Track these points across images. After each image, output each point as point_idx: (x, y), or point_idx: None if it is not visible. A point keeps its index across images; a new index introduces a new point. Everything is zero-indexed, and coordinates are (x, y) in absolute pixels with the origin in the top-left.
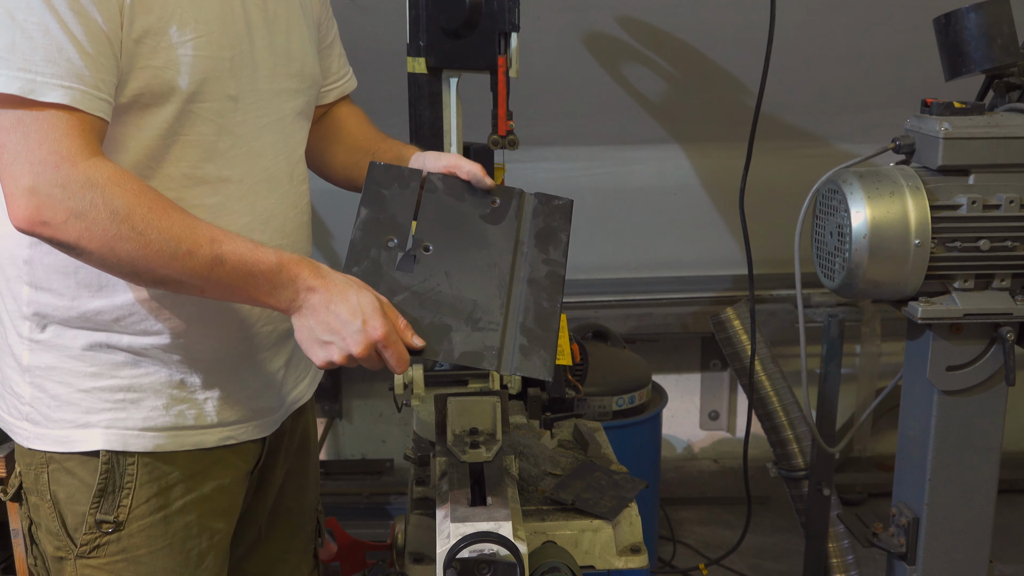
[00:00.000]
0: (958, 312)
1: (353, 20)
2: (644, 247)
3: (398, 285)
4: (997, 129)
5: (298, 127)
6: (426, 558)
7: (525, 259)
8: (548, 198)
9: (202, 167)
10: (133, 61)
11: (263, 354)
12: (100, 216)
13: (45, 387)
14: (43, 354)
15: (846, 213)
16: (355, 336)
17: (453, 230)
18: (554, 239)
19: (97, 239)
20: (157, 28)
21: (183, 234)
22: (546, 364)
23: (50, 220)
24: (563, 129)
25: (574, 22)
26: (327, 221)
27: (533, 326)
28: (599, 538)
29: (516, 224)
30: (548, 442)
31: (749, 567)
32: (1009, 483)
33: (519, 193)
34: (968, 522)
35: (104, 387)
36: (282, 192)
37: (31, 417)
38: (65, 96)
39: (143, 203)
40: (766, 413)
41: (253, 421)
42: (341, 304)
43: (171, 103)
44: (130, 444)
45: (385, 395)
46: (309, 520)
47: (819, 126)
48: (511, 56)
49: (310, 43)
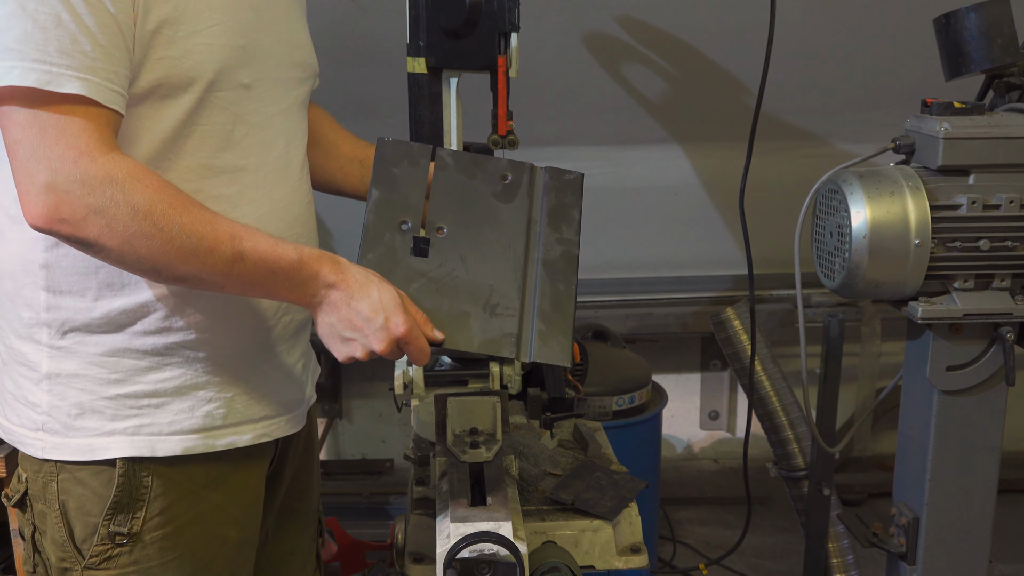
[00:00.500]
0: (958, 312)
1: (353, 20)
2: (644, 247)
3: (414, 271)
4: (997, 129)
5: (303, 116)
6: (426, 558)
7: (539, 239)
8: (559, 172)
9: (220, 156)
10: (149, 52)
11: (282, 346)
12: (120, 212)
13: (66, 395)
14: (64, 361)
15: (846, 213)
16: (377, 333)
17: (466, 210)
18: (566, 216)
19: (118, 236)
20: (174, 18)
21: (204, 230)
22: (564, 350)
23: (69, 217)
24: (563, 129)
25: (574, 22)
26: (327, 221)
27: (550, 310)
28: (599, 538)
29: (528, 201)
30: (548, 442)
31: (749, 567)
32: (1009, 483)
33: (530, 168)
34: (968, 522)
35: (129, 393)
36: (295, 180)
37: (48, 427)
38: (82, 87)
39: (163, 199)
40: (766, 413)
41: (283, 416)
42: (363, 301)
43: (190, 93)
44: (158, 449)
45: (385, 395)
46: (313, 520)
47: (819, 126)
48: (511, 56)
49: (307, 32)
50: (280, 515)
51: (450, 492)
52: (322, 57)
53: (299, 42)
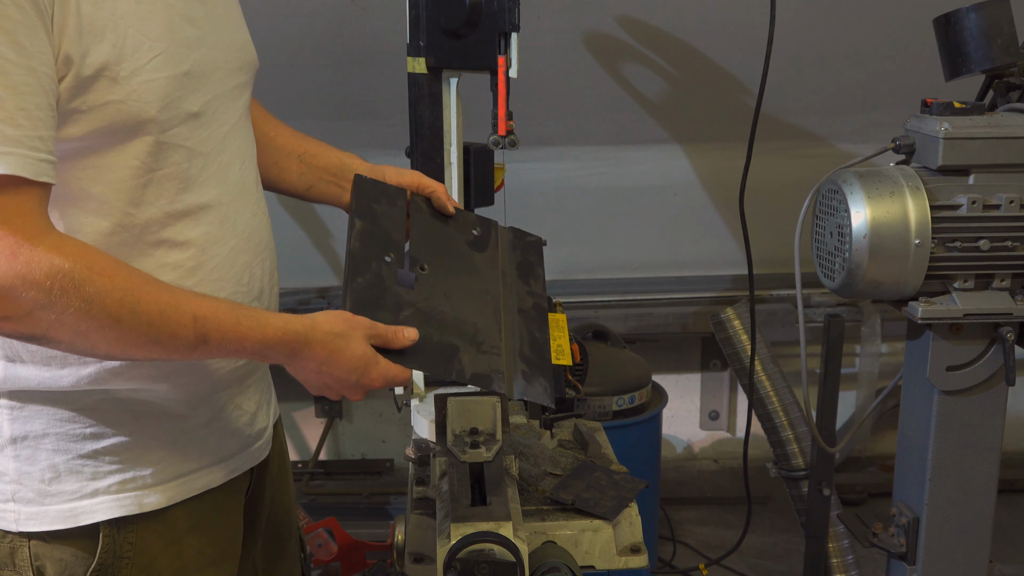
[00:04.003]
0: (958, 312)
1: (353, 20)
2: (644, 247)
3: (403, 300)
4: (997, 129)
5: (249, 124)
6: (426, 558)
7: (511, 289)
8: (521, 234)
9: (180, 199)
10: (87, 98)
11: (253, 377)
12: (71, 305)
13: (36, 459)
14: (29, 422)
15: (846, 213)
16: (351, 390)
17: (444, 253)
18: (533, 273)
19: (69, 329)
20: (114, 57)
21: (165, 316)
22: (547, 391)
23: (12, 315)
24: (563, 129)
25: (574, 22)
26: (327, 221)
27: (530, 354)
28: (599, 538)
29: (497, 253)
30: (548, 442)
31: (749, 567)
32: (1009, 483)
33: (495, 224)
34: (968, 522)
35: (108, 447)
36: (254, 201)
37: (20, 496)
38: (8, 165)
39: (117, 286)
40: (766, 413)
41: (251, 447)
42: (335, 367)
43: (139, 137)
44: (145, 504)
45: (385, 395)
46: (296, 541)
47: (819, 126)
48: (511, 56)
49: (243, 23)
50: (265, 546)
51: (450, 492)
52: (322, 57)
53: (240, 41)
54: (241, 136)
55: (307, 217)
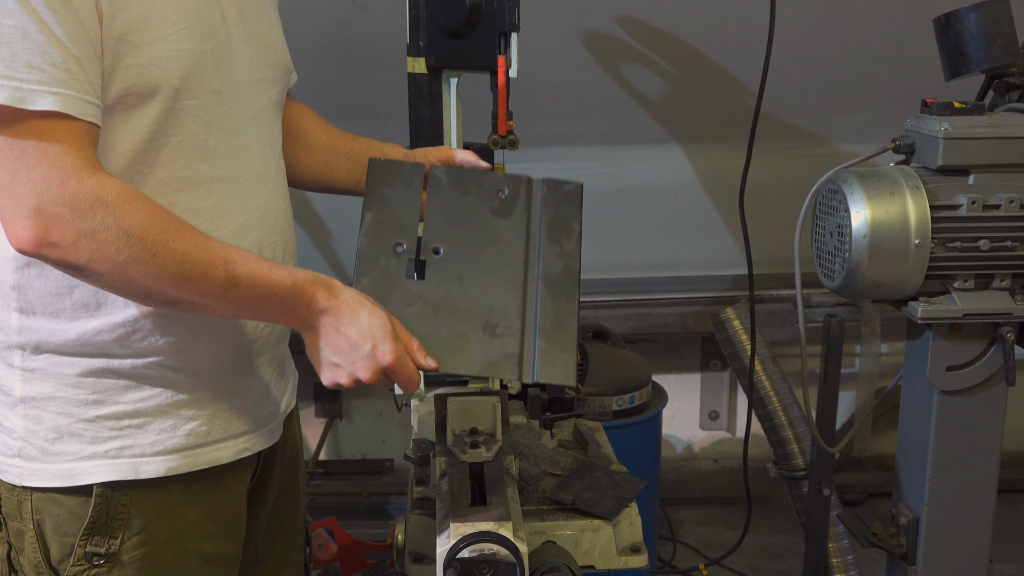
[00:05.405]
0: (958, 312)
1: (353, 20)
2: (644, 247)
3: (410, 295)
4: (997, 129)
5: (277, 118)
6: (426, 558)
7: (538, 254)
8: (557, 184)
9: (195, 168)
10: (116, 60)
11: (262, 358)
12: (112, 237)
13: (42, 419)
14: (39, 383)
15: (846, 213)
16: (364, 361)
17: (462, 228)
18: (566, 229)
19: (109, 260)
20: (139, 23)
21: (198, 255)
22: (568, 368)
23: (59, 241)
24: (563, 129)
25: (574, 22)
26: (327, 221)
27: (552, 328)
28: (599, 538)
29: (526, 215)
30: (548, 442)
31: (749, 567)
32: (1009, 483)
33: (527, 180)
34: (968, 522)
35: (108, 414)
36: (272, 187)
37: (25, 453)
38: (57, 103)
39: (156, 223)
40: (766, 413)
41: (261, 430)
42: (352, 327)
43: (157, 101)
44: (141, 471)
45: (385, 395)
46: (301, 532)
47: (819, 126)
48: (511, 56)
49: (279, 28)
50: (270, 531)
51: (450, 492)
52: (322, 57)
53: (270, 40)
54: (266, 125)
55: (307, 217)
